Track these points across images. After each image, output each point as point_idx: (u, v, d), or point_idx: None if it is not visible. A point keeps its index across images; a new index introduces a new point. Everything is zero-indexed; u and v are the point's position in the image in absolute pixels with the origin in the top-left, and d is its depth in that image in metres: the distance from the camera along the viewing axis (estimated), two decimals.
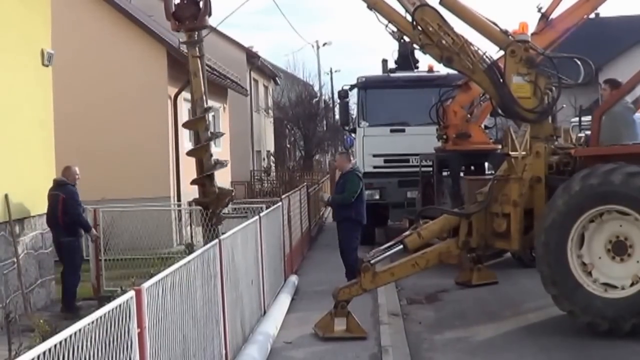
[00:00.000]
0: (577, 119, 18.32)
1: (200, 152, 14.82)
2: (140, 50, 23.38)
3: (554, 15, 14.96)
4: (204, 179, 14.75)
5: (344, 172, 16.12)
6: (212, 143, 15.16)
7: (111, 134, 22.59)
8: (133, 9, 26.67)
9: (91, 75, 22.81)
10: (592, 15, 15.29)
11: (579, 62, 13.09)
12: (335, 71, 71.84)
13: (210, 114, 15.34)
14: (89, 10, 23.30)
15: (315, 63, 66.33)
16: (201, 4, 14.17)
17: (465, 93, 18.08)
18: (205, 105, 14.71)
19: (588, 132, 13.14)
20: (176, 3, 14.29)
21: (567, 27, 14.93)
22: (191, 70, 14.54)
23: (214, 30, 14.41)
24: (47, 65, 15.55)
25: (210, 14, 14.27)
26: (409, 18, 12.99)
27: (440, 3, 13.06)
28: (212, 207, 14.84)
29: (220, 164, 15.05)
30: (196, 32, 14.48)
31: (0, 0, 13.71)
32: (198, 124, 14.81)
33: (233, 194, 15.96)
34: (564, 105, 15.61)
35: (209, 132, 14.95)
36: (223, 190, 15.23)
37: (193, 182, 15.29)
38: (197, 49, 14.55)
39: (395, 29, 13.29)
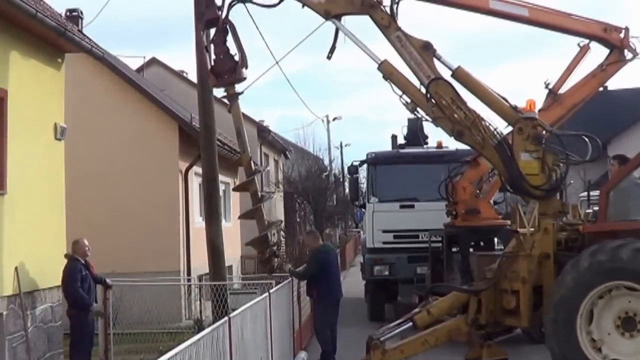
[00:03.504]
0: (585, 193, 18.37)
1: (253, 214, 14.97)
2: (152, 124, 23.62)
3: (561, 91, 15.13)
4: (261, 239, 14.88)
5: (312, 250, 16.37)
6: (262, 205, 15.24)
7: (122, 207, 22.72)
8: (146, 83, 27.06)
9: (103, 149, 23.04)
10: (600, 88, 15.42)
11: (586, 140, 13.16)
12: (346, 145, 72.26)
13: (265, 170, 15.66)
14: (102, 84, 23.61)
15: (325, 137, 66.70)
16: (236, 57, 14.37)
17: (474, 169, 18.15)
18: (254, 167, 14.86)
19: (596, 208, 13.17)
20: (213, 59, 14.52)
21: (575, 103, 15.08)
22: (236, 125, 14.73)
23: (236, 95, 14.57)
24: (59, 140, 15.75)
25: (246, 66, 14.45)
26: (423, 90, 13.11)
27: (452, 75, 13.19)
28: (275, 261, 15.01)
29: (274, 224, 15.24)
30: (235, 86, 14.63)
31: (14, 75, 13.94)
32: (249, 186, 14.94)
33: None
34: (572, 182, 15.69)
35: (259, 194, 15.10)
36: (277, 248, 15.46)
37: (249, 244, 15.51)
38: (238, 102, 14.70)
39: (409, 100, 13.39)
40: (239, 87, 14.65)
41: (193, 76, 27.16)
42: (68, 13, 23.16)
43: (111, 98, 23.65)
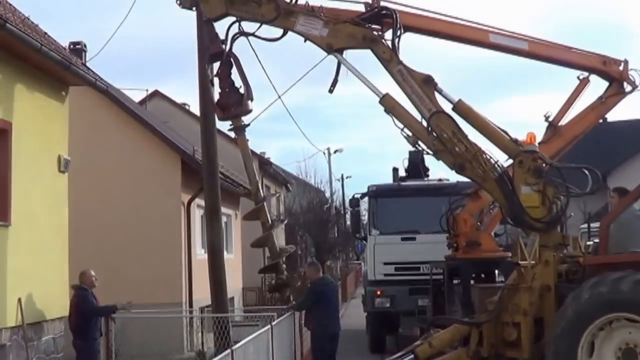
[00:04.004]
0: (586, 225, 18.39)
1: (265, 241, 15.00)
2: (154, 156, 23.74)
3: (562, 123, 15.22)
4: (276, 265, 14.89)
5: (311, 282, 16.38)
6: (273, 231, 15.27)
7: (123, 238, 22.78)
8: (148, 115, 27.20)
9: (105, 181, 23.15)
10: (600, 120, 15.52)
11: (586, 172, 13.22)
12: (347, 177, 72.23)
13: (273, 198, 15.71)
14: (104, 116, 23.76)
15: (326, 169, 66.85)
16: (242, 89, 14.47)
17: (475, 202, 18.18)
18: (262, 194, 14.92)
19: (597, 240, 13.23)
20: (219, 92, 14.63)
21: (575, 135, 15.16)
22: (244, 156, 14.80)
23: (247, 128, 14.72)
24: (63, 172, 15.87)
25: (252, 99, 14.56)
26: (425, 123, 13.19)
27: (453, 109, 13.25)
28: (292, 286, 15.01)
29: (286, 251, 15.27)
30: (242, 118, 14.71)
31: (19, 108, 14.08)
32: (259, 214, 14.98)
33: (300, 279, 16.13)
34: (572, 214, 15.73)
35: (270, 220, 15.14)
36: (289, 277, 15.44)
37: (262, 271, 15.50)
38: (245, 134, 14.78)
39: (410, 134, 13.45)
40: (245, 119, 14.76)
41: (195, 109, 27.33)
42: (72, 46, 23.33)
43: (114, 130, 23.79)
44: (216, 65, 14.88)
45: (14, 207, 13.67)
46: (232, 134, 15.21)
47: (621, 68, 14.63)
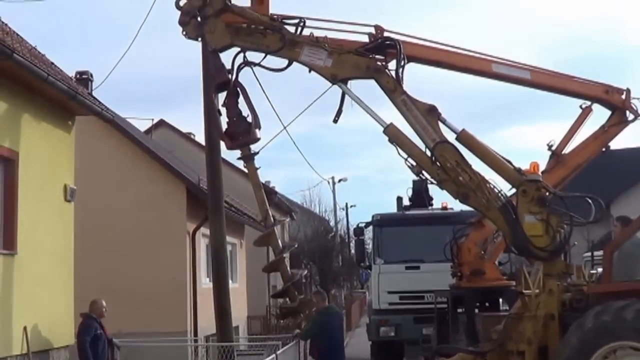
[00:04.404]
0: (589, 253, 18.42)
1: (277, 265, 15.00)
2: (160, 186, 23.83)
3: (565, 152, 15.28)
4: (289, 289, 14.87)
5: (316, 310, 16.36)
6: (285, 255, 15.27)
7: (129, 267, 22.84)
8: (154, 145, 27.30)
9: (112, 210, 23.22)
10: (603, 149, 15.55)
11: (589, 201, 13.27)
12: (351, 206, 72.18)
13: (278, 226, 15.64)
14: (111, 146, 23.88)
15: (331, 197, 66.92)
16: (249, 118, 14.52)
17: (478, 231, 18.21)
18: (272, 219, 14.92)
19: (600, 269, 13.25)
20: (226, 122, 14.67)
21: (578, 164, 15.21)
22: (253, 184, 14.82)
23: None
24: (69, 201, 15.94)
25: (259, 127, 14.59)
26: (429, 153, 13.25)
27: (457, 138, 13.31)
28: (302, 313, 14.96)
29: (298, 272, 15.27)
30: (250, 147, 14.74)
31: (26, 137, 14.17)
32: (269, 239, 14.99)
33: (314, 304, 16.08)
34: (576, 243, 15.76)
35: (280, 245, 15.14)
36: (304, 300, 15.38)
37: (275, 296, 15.43)
38: (255, 162, 14.80)
39: (414, 163, 13.49)
40: (253, 147, 14.79)
41: (201, 138, 27.43)
42: (78, 76, 23.51)
43: (120, 160, 23.90)
44: (223, 95, 14.94)
45: (20, 236, 13.74)
46: (241, 163, 15.23)
47: (623, 97, 14.70)
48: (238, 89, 14.47)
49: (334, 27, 13.99)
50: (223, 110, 14.70)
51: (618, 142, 17.32)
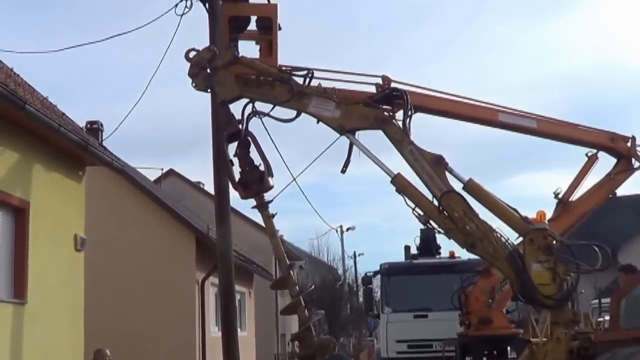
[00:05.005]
0: (597, 301, 18.43)
1: (294, 308, 15.00)
2: (169, 235, 23.92)
3: (571, 199, 15.36)
4: (305, 332, 14.85)
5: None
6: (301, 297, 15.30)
7: (139, 316, 22.87)
8: (163, 194, 27.43)
9: (121, 259, 23.30)
10: (609, 196, 15.64)
11: (596, 249, 13.31)
12: (359, 255, 72.01)
13: (295, 270, 15.59)
14: (120, 195, 24.02)
15: (339, 246, 66.84)
16: (261, 167, 14.57)
17: (486, 279, 18.26)
18: (287, 263, 14.94)
19: (607, 317, 13.27)
20: (239, 171, 14.73)
21: (585, 212, 15.30)
22: (268, 232, 14.85)
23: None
24: (79, 250, 16.03)
25: (272, 175, 14.64)
26: (436, 203, 13.33)
27: (464, 188, 13.39)
28: (318, 357, 14.92)
29: (315, 314, 15.24)
30: (264, 195, 14.79)
31: (36, 187, 14.30)
32: (286, 282, 15.01)
33: (333, 342, 16.04)
34: (583, 291, 15.82)
35: (297, 287, 15.14)
36: (323, 339, 15.33)
37: (294, 339, 15.36)
38: (269, 210, 14.85)
39: (421, 213, 13.55)
40: (266, 195, 14.83)
41: (210, 187, 27.56)
42: (89, 125, 23.66)
43: (129, 209, 24.02)
44: (234, 145, 15.01)
45: (30, 285, 13.81)
46: (250, 212, 15.24)
47: (629, 144, 14.81)
48: (249, 138, 14.56)
49: (341, 77, 14.14)
50: (235, 160, 14.79)
51: (624, 189, 17.44)
